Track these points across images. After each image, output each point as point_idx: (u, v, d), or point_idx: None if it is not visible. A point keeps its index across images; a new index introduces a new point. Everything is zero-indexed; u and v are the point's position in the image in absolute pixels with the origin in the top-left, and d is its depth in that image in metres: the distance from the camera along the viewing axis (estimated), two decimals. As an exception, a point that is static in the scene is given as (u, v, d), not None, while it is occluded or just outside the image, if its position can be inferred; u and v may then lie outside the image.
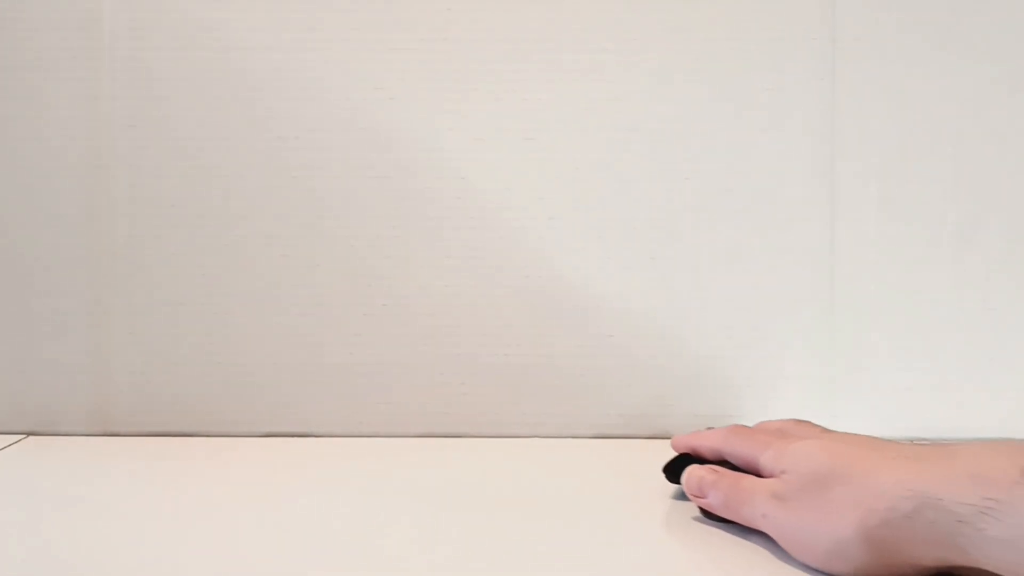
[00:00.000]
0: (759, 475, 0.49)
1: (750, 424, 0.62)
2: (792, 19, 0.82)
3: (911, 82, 0.83)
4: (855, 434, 0.47)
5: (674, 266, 0.83)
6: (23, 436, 0.84)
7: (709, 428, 0.68)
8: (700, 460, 0.59)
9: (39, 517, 0.64)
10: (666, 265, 0.83)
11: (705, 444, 0.57)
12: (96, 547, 0.58)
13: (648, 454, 0.69)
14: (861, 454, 0.40)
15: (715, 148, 0.83)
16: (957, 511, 0.33)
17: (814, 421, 0.60)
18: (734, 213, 0.83)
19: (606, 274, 0.84)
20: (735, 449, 0.53)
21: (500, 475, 0.73)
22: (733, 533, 0.52)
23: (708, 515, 0.54)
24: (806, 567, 0.42)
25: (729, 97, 0.83)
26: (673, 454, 0.61)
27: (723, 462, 0.55)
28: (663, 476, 0.60)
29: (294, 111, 0.83)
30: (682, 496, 0.59)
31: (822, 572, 0.41)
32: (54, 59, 0.84)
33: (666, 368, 0.84)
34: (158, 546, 0.58)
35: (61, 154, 0.84)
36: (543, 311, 0.84)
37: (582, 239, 0.84)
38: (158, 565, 0.55)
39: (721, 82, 0.83)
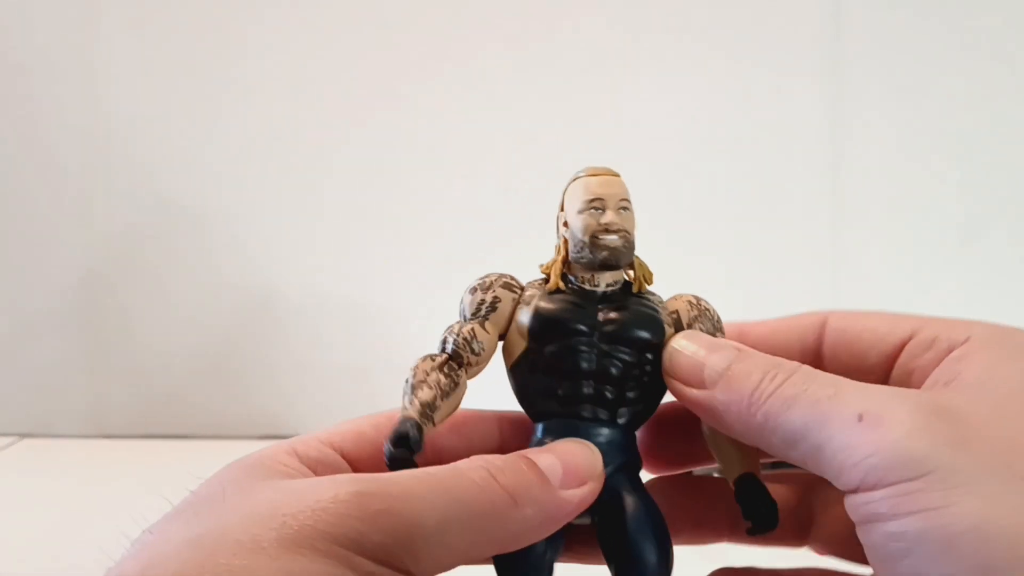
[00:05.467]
0: None
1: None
2: (797, 19, 0.82)
3: (915, 81, 0.82)
4: None
5: (674, 267, 0.83)
6: (18, 438, 0.84)
7: None
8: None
9: (34, 519, 0.63)
10: (666, 265, 0.83)
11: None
12: (92, 549, 0.57)
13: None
14: None
15: (718, 147, 0.82)
16: None
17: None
18: (736, 213, 0.83)
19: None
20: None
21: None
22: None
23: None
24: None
25: (733, 96, 0.82)
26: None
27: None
28: None
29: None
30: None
31: None
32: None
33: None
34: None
35: (57, 156, 0.84)
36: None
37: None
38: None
39: (724, 81, 0.82)
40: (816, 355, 0.29)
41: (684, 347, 0.27)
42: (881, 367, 0.28)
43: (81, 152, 0.84)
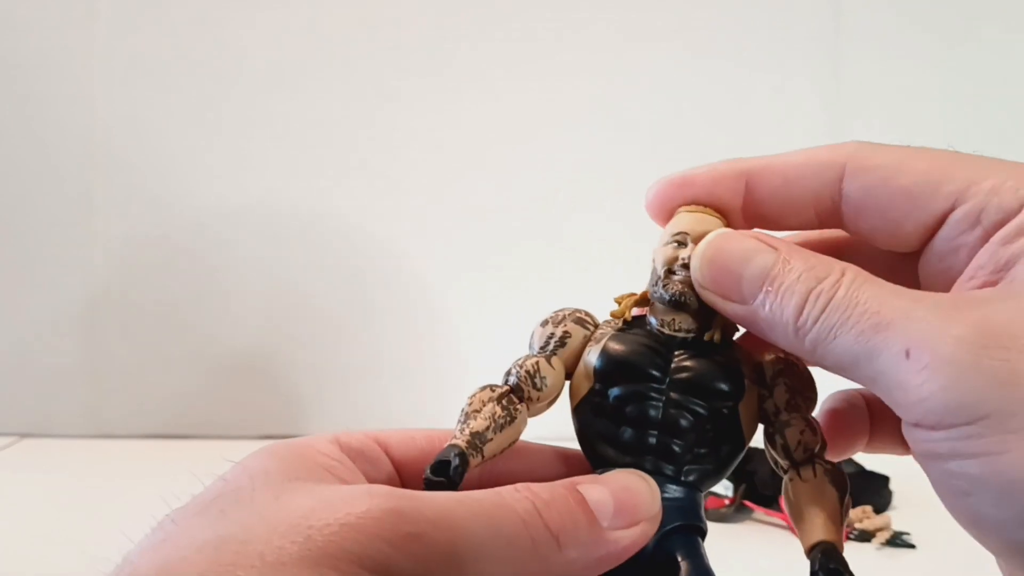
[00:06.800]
0: None
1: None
2: (796, 19, 0.82)
3: (914, 81, 0.82)
4: None
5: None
6: (18, 438, 0.84)
7: None
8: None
9: (33, 519, 0.63)
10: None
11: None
12: (91, 548, 0.57)
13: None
14: None
15: (717, 147, 0.82)
16: None
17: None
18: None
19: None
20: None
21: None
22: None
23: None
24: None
25: (733, 96, 0.82)
26: None
27: None
28: None
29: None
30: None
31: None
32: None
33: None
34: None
35: (60, 162, 0.84)
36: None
37: (590, 235, 0.83)
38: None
39: (725, 81, 0.82)
40: (835, 210, 0.25)
41: (714, 254, 0.24)
42: (918, 235, 0.24)
43: (83, 158, 0.84)
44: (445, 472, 0.23)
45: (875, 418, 0.28)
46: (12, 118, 0.84)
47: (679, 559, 0.24)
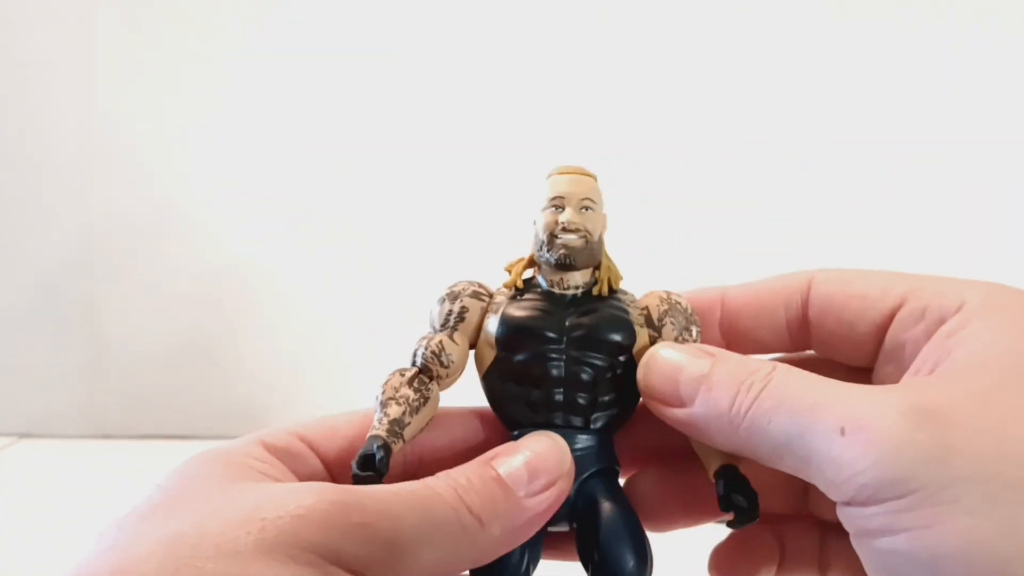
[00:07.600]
0: None
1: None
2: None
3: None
4: None
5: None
6: (16, 438, 0.84)
7: None
8: None
9: (33, 519, 0.63)
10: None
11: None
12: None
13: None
14: None
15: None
16: None
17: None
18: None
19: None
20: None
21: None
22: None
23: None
24: None
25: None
26: None
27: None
28: None
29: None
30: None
31: None
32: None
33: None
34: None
35: (56, 155, 0.84)
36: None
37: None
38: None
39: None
40: (802, 321, 0.28)
41: (655, 365, 0.26)
42: (871, 336, 0.27)
43: (75, 154, 0.84)
44: (371, 466, 0.25)
45: (787, 548, 0.30)
46: (13, 118, 0.84)
47: (600, 500, 0.27)
